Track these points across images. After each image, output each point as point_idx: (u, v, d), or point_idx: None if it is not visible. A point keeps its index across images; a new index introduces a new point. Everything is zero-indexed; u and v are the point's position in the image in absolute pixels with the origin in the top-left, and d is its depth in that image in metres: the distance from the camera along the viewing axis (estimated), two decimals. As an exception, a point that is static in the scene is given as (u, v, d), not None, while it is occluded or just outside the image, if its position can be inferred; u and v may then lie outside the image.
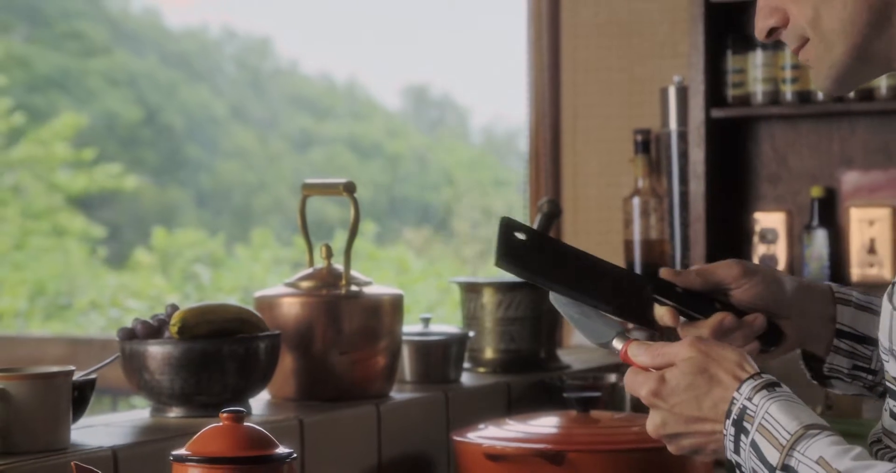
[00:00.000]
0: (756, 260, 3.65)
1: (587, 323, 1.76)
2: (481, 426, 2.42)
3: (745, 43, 3.62)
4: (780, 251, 3.64)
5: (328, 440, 2.31)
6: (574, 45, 3.87)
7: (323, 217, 10.68)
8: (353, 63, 14.48)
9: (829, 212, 3.62)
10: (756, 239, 3.67)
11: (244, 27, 13.79)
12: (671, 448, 1.64)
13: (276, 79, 13.89)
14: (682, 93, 3.62)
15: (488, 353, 2.91)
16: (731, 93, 3.62)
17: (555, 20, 3.87)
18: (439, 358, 2.71)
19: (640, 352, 1.65)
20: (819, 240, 3.59)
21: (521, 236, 1.76)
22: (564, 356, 3.07)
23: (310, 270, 2.49)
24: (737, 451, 1.55)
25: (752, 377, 1.57)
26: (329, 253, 2.48)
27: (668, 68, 3.73)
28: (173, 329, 2.19)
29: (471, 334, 2.83)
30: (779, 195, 3.71)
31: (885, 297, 1.58)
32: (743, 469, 1.55)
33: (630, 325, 1.83)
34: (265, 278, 10.49)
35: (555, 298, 1.80)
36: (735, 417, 1.55)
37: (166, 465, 1.80)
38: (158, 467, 1.90)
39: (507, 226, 1.75)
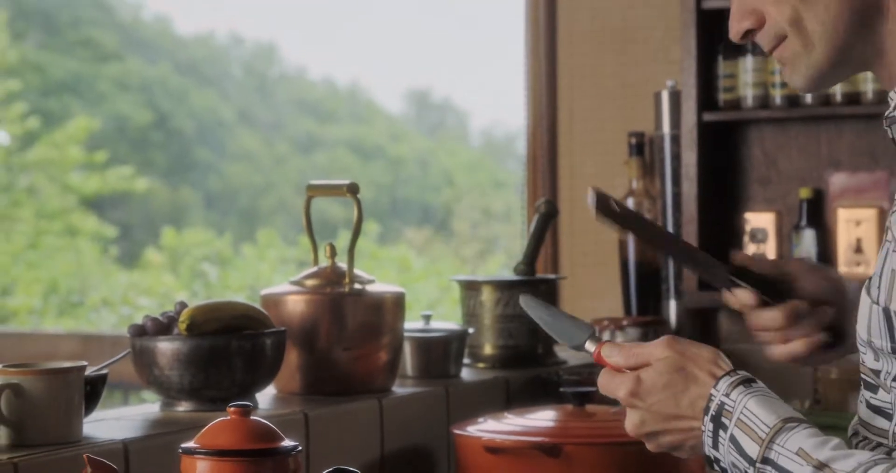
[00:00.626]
0: (746, 259, 3.65)
1: (559, 326, 1.75)
2: (480, 419, 2.42)
3: (736, 49, 3.62)
4: (770, 250, 3.64)
5: (332, 433, 2.31)
6: (570, 51, 3.86)
7: (327, 217, 10.68)
8: (357, 68, 14.48)
9: (817, 213, 3.62)
10: (747, 238, 3.67)
11: (251, 34, 13.81)
12: (650, 446, 1.63)
13: (281, 84, 13.90)
14: (675, 97, 3.62)
15: (487, 349, 2.91)
16: (722, 97, 3.61)
17: (551, 27, 3.87)
18: (440, 354, 2.71)
19: (613, 353, 1.64)
20: (807, 240, 3.58)
21: (615, 207, 1.77)
22: (560, 352, 3.07)
23: (314, 269, 2.49)
24: (715, 446, 1.54)
25: (728, 374, 1.57)
26: (333, 253, 2.48)
27: (661, 73, 3.73)
28: (182, 326, 2.19)
29: (470, 331, 2.83)
30: (768, 196, 3.71)
31: (864, 290, 1.58)
32: (721, 465, 1.55)
33: (601, 327, 1.83)
34: (271, 276, 10.50)
35: (525, 302, 1.78)
36: (713, 413, 1.55)
37: (175, 458, 1.80)
38: (168, 459, 1.89)
39: (601, 198, 1.77)
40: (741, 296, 1.75)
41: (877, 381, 1.57)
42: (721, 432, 1.54)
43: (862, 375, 1.61)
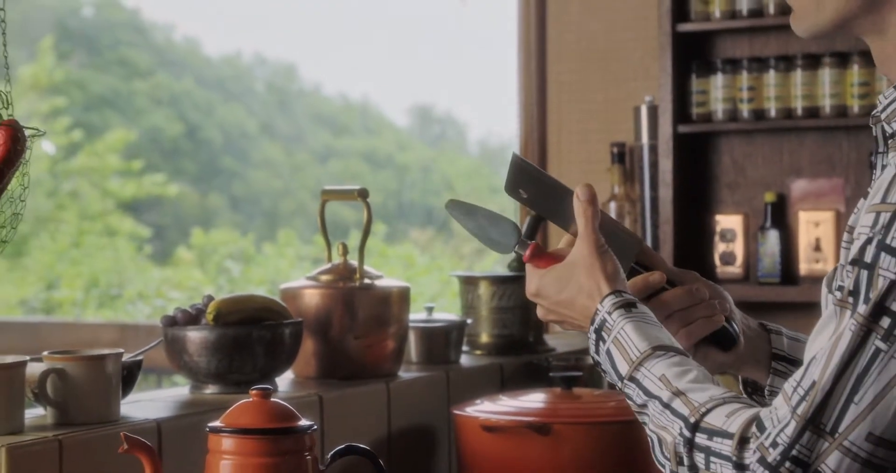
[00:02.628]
0: (717, 257, 3.65)
1: (486, 234, 1.74)
2: (478, 401, 2.42)
3: (708, 68, 3.62)
4: (738, 249, 3.64)
5: (344, 413, 2.31)
6: (558, 69, 3.86)
7: (340, 219, 10.67)
8: (367, 86, 14.48)
9: (781, 215, 3.62)
10: (717, 238, 3.67)
11: (273, 54, 13.81)
12: (560, 326, 1.67)
13: (300, 100, 13.90)
14: (653, 111, 3.62)
15: (484, 338, 2.90)
16: (695, 111, 3.61)
17: (541, 48, 3.87)
18: (441, 342, 2.70)
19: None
20: (772, 240, 3.58)
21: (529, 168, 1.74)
22: (550, 340, 3.06)
23: (328, 265, 2.48)
24: (597, 353, 1.57)
25: (613, 293, 1.58)
26: (345, 251, 2.48)
27: (640, 89, 3.73)
28: (209, 316, 2.18)
29: (468, 321, 2.82)
30: (737, 200, 3.71)
31: (824, 282, 1.58)
32: (602, 368, 1.57)
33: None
34: (289, 272, 10.50)
35: (452, 207, 1.75)
36: (596, 326, 1.57)
37: (203, 435, 1.80)
38: (197, 437, 1.89)
39: (518, 162, 1.73)
40: (652, 277, 1.74)
41: None
42: (601, 343, 1.56)
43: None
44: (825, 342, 1.40)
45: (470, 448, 2.33)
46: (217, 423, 1.78)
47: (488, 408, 2.35)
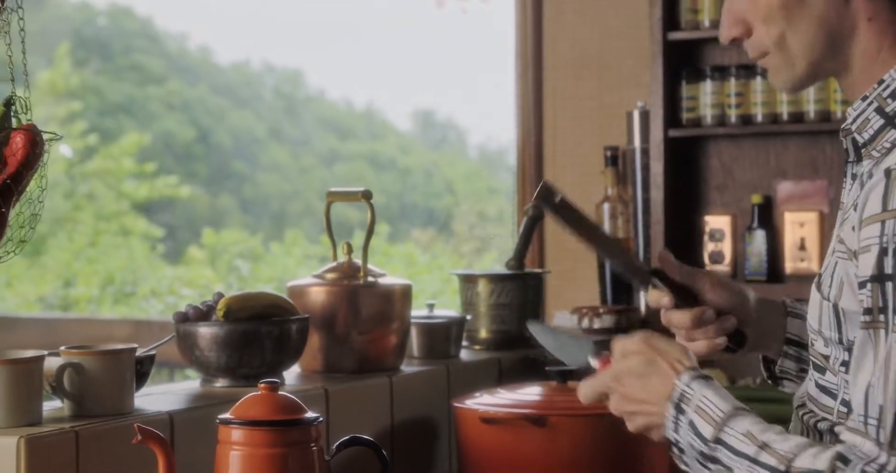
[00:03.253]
0: (706, 256, 3.65)
1: (562, 348, 1.77)
2: (477, 394, 2.42)
3: (697, 74, 3.62)
4: (726, 248, 3.64)
5: (349, 406, 2.31)
6: (554, 76, 3.86)
7: (345, 219, 10.67)
8: (371, 92, 14.47)
9: (767, 216, 3.62)
10: (706, 238, 3.67)
11: (281, 62, 13.79)
12: (629, 426, 1.64)
13: (307, 105, 13.89)
14: (645, 116, 3.62)
15: (483, 333, 2.90)
16: (685, 116, 3.61)
17: (538, 56, 3.87)
18: (442, 337, 2.70)
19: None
20: (758, 239, 3.58)
21: (556, 199, 1.76)
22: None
23: (334, 264, 2.48)
24: (676, 430, 1.55)
25: (690, 368, 1.58)
26: (350, 250, 2.48)
27: (632, 96, 3.73)
28: (219, 313, 2.18)
29: (468, 317, 2.82)
30: (725, 201, 3.71)
31: (814, 286, 1.58)
32: (680, 446, 1.55)
33: (581, 314, 1.83)
34: (296, 270, 10.50)
35: (532, 326, 1.80)
36: (675, 400, 1.55)
37: (214, 427, 1.80)
38: (207, 428, 1.89)
39: (546, 189, 1.76)
40: (657, 297, 1.74)
41: (825, 364, 1.57)
42: (681, 417, 1.54)
43: (812, 358, 1.61)
44: (871, 367, 1.39)
45: (469, 440, 2.33)
46: (227, 415, 1.78)
47: (487, 401, 2.35)
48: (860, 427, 1.39)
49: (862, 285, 1.41)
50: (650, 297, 1.75)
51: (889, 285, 1.37)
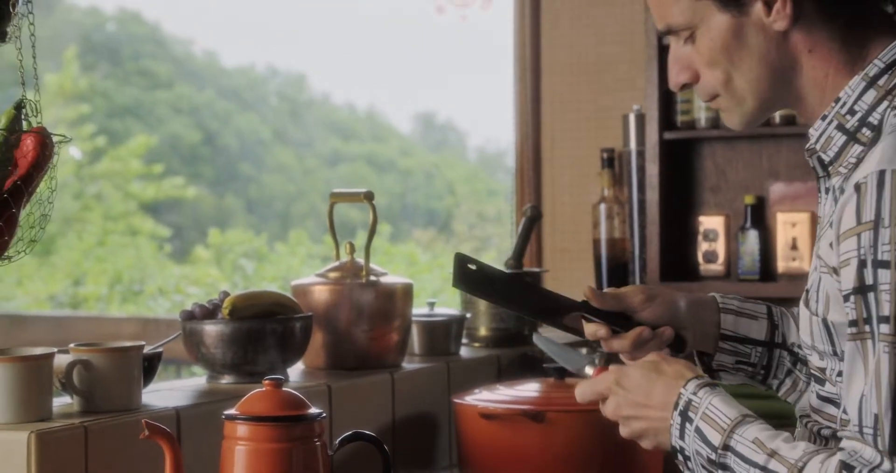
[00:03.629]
0: (700, 256, 3.64)
1: (564, 357, 1.79)
2: (476, 390, 2.42)
3: (691, 78, 3.62)
4: (720, 248, 3.64)
5: (351, 402, 2.31)
6: (552, 80, 3.86)
7: (347, 220, 10.67)
8: (373, 95, 14.48)
9: (760, 216, 3.62)
10: (700, 238, 3.66)
11: (285, 66, 13.80)
12: (622, 431, 1.63)
13: (310, 109, 13.89)
14: (640, 119, 3.62)
15: (482, 331, 2.90)
16: (679, 118, 3.61)
17: (535, 61, 3.87)
18: (442, 335, 2.70)
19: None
20: (751, 239, 3.58)
21: (472, 267, 1.75)
22: (544, 334, 3.06)
23: (337, 263, 2.48)
24: (682, 437, 1.54)
25: (696, 377, 1.57)
26: (352, 250, 2.48)
27: (628, 99, 3.73)
28: (225, 311, 2.18)
29: (468, 315, 2.82)
30: (719, 202, 3.71)
31: (802, 303, 1.59)
32: (686, 453, 1.54)
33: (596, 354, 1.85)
34: (300, 269, 10.50)
35: (537, 339, 1.82)
36: (681, 408, 1.55)
37: (219, 422, 1.80)
38: (213, 424, 1.89)
39: (461, 260, 1.75)
40: (593, 329, 1.75)
41: (824, 377, 1.57)
42: (687, 424, 1.53)
43: (812, 371, 1.61)
44: (863, 377, 1.38)
45: (469, 435, 2.33)
46: (232, 411, 1.78)
47: (486, 397, 2.35)
48: (858, 437, 1.39)
49: (846, 298, 1.41)
50: (587, 331, 1.75)
51: (871, 295, 1.37)
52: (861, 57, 1.55)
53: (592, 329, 1.74)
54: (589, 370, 1.71)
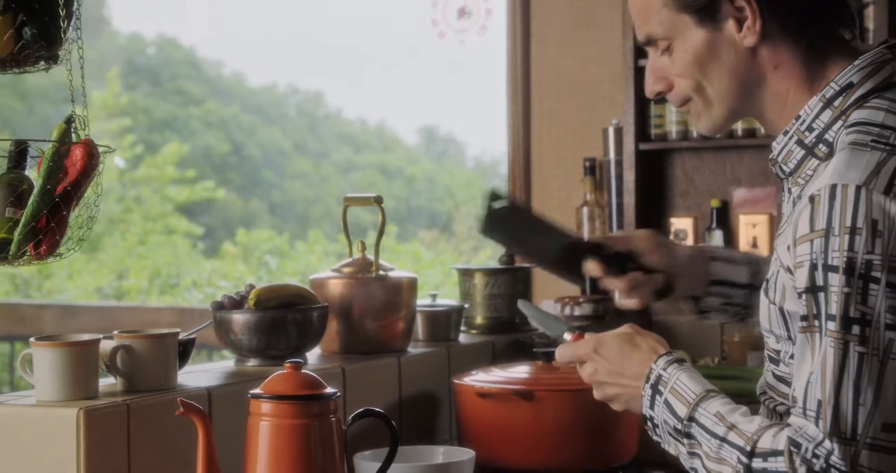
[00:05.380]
0: (671, 253, 3.64)
1: (543, 321, 1.79)
2: (473, 372, 2.42)
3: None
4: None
5: (363, 382, 2.31)
6: (540, 97, 3.86)
7: (359, 221, 10.67)
8: (382, 110, 14.46)
9: (724, 218, 3.62)
10: (671, 237, 3.66)
11: (304, 85, 13.79)
12: (596, 394, 1.63)
13: (326, 123, 13.88)
14: (619, 132, 3.62)
15: (478, 319, 2.90)
16: (653, 131, 3.61)
17: (526, 80, 3.87)
18: (443, 323, 2.70)
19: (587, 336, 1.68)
20: (717, 238, 3.58)
21: (497, 204, 1.78)
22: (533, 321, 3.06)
23: (350, 259, 2.48)
24: (651, 407, 1.54)
25: (666, 354, 1.58)
26: (363, 248, 2.47)
27: (608, 114, 3.73)
28: (251, 302, 2.18)
29: (466, 306, 2.82)
30: (688, 205, 3.71)
31: (762, 291, 1.59)
32: (655, 421, 1.54)
33: (563, 302, 1.86)
34: (317, 265, 10.50)
35: (521, 304, 1.82)
36: (652, 382, 1.55)
37: (246, 401, 1.80)
38: (240, 402, 1.89)
39: (492, 196, 1.78)
40: (590, 268, 1.78)
41: (778, 358, 1.58)
42: (657, 397, 1.53)
43: (767, 352, 1.62)
44: (810, 365, 1.39)
45: (467, 412, 2.33)
46: (257, 390, 1.78)
47: (482, 378, 2.35)
48: (802, 416, 1.39)
49: (800, 295, 1.42)
50: (586, 267, 1.78)
51: (821, 295, 1.38)
52: (820, 76, 1.55)
53: (590, 266, 1.77)
54: (567, 335, 1.71)
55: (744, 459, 1.42)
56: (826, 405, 1.35)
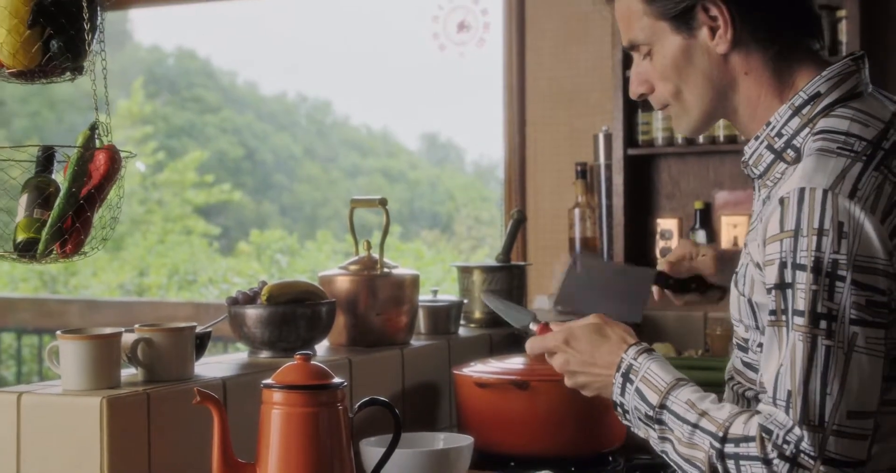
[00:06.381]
0: (657, 252, 3.64)
1: (509, 313, 1.78)
2: (472, 363, 2.41)
3: (650, 104, 3.61)
4: (674, 245, 3.63)
5: (368, 373, 2.31)
6: (535, 105, 3.86)
7: (365, 222, 10.67)
8: (386, 118, 14.47)
9: (707, 219, 3.61)
10: (658, 236, 3.66)
11: (313, 94, 13.79)
12: (567, 382, 1.64)
13: (334, 129, 13.88)
14: (608, 138, 3.62)
15: (477, 314, 2.90)
16: (641, 138, 3.61)
17: (521, 90, 3.86)
18: (444, 317, 2.70)
19: (555, 327, 1.67)
20: (700, 238, 3.58)
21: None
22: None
23: (356, 258, 2.48)
24: (622, 394, 1.54)
25: (636, 344, 1.57)
26: (369, 247, 2.47)
27: (598, 121, 3.72)
28: (263, 297, 2.18)
29: (465, 301, 2.82)
30: (673, 207, 3.70)
31: (732, 284, 1.59)
32: (625, 408, 1.54)
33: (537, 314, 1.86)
34: (326, 263, 10.50)
35: (485, 297, 1.81)
36: (623, 371, 1.55)
37: (259, 390, 1.80)
38: (253, 391, 1.89)
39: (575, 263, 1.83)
40: (657, 292, 1.82)
41: (747, 346, 1.58)
42: (628, 384, 1.53)
43: (736, 340, 1.62)
44: (778, 357, 1.39)
45: (466, 400, 2.33)
46: (269, 381, 1.78)
47: (480, 369, 2.35)
48: (773, 405, 1.39)
49: (769, 291, 1.42)
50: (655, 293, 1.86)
51: (788, 292, 1.39)
52: (789, 85, 1.55)
53: (654, 294, 1.85)
54: (533, 326, 1.71)
55: (716, 444, 1.41)
56: (796, 395, 1.35)
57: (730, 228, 3.58)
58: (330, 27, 13.12)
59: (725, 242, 3.57)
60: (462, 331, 2.79)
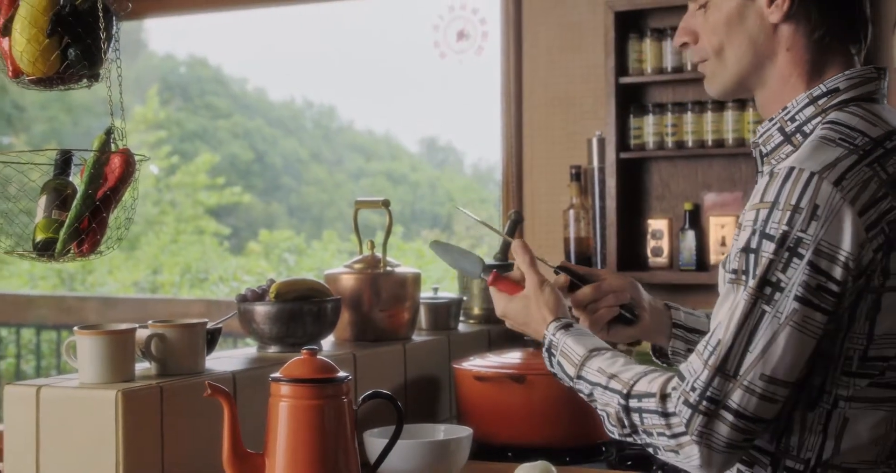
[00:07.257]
0: (649, 251, 3.64)
1: (460, 262, 1.78)
2: (471, 358, 2.41)
3: (642, 110, 3.61)
4: (665, 244, 3.63)
5: (372, 367, 2.30)
6: (531, 111, 3.85)
7: (369, 222, 10.65)
8: (389, 122, 14.47)
9: (696, 219, 3.61)
10: (649, 236, 3.66)
11: (319, 100, 13.79)
12: (508, 325, 1.73)
13: (339, 134, 13.88)
14: (601, 142, 3.61)
15: (476, 310, 2.90)
16: (632, 142, 3.60)
17: (518, 96, 3.86)
18: (444, 313, 2.70)
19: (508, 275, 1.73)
20: (689, 237, 3.57)
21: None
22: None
23: (360, 257, 2.48)
24: (551, 366, 1.60)
25: (555, 320, 1.62)
26: (373, 246, 2.47)
27: (592, 126, 3.72)
28: (271, 295, 2.18)
29: (464, 298, 2.82)
30: (663, 208, 3.70)
31: (720, 265, 1.58)
32: (558, 376, 1.59)
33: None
34: (331, 262, 10.49)
35: (434, 246, 1.80)
36: (546, 347, 1.61)
37: (267, 383, 1.80)
38: (262, 385, 1.89)
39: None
40: (558, 279, 1.77)
41: None
42: (552, 358, 1.59)
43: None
44: (726, 311, 1.41)
45: (465, 393, 2.33)
46: (277, 374, 1.78)
47: (479, 363, 2.34)
48: (700, 349, 1.41)
49: (737, 253, 1.43)
50: (555, 282, 1.75)
51: (751, 256, 1.40)
52: (818, 74, 1.55)
53: (558, 278, 1.77)
54: (484, 275, 1.73)
55: (622, 401, 1.46)
56: (723, 344, 1.38)
57: (717, 228, 3.58)
58: (335, 37, 13.13)
59: (713, 241, 3.57)
60: (462, 327, 2.79)
